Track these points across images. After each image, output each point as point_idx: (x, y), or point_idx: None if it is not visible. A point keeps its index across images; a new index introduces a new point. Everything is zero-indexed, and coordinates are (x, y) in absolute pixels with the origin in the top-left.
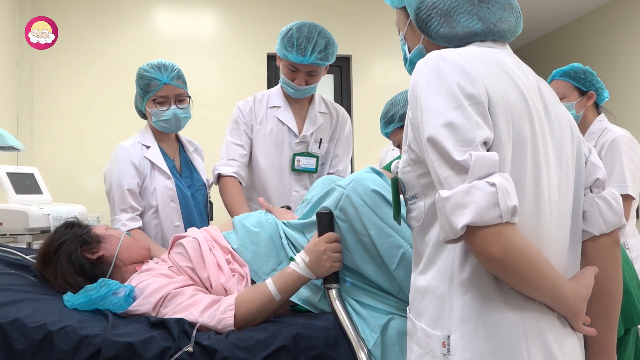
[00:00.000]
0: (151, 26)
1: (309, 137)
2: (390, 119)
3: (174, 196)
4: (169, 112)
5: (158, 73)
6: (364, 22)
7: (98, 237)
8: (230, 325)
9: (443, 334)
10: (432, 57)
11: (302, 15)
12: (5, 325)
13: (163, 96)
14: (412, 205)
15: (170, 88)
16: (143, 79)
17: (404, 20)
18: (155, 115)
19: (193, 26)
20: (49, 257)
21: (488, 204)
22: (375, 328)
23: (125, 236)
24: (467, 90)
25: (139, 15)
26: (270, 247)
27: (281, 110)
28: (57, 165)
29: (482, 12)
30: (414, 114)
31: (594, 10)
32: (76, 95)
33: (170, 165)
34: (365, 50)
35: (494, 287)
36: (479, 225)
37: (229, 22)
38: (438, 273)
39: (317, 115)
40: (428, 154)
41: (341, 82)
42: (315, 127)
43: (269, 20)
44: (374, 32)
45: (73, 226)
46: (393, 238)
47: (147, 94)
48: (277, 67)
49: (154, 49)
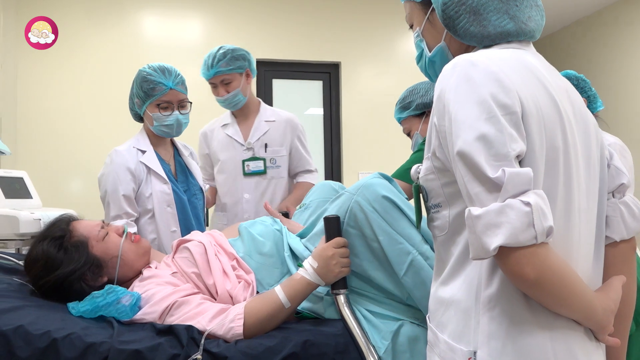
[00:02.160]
0: (138, 30)
1: (254, 144)
2: (407, 105)
3: (171, 201)
4: (172, 118)
5: (163, 77)
6: (353, 29)
7: (99, 261)
8: (240, 334)
9: (469, 349)
10: (461, 62)
11: (292, 21)
12: (8, 333)
13: (167, 101)
14: (436, 213)
15: (174, 93)
16: (147, 82)
17: (421, 16)
18: (158, 119)
19: (181, 31)
20: (47, 287)
21: (522, 224)
22: (386, 335)
23: (124, 247)
24: (501, 99)
25: (126, 19)
26: (275, 258)
27: (228, 127)
28: (42, 169)
29: (511, 10)
30: (441, 122)
31: (590, 15)
32: (61, 98)
33: (167, 169)
34: (354, 57)
35: (523, 302)
36: (512, 246)
37: (218, 27)
38: (463, 285)
39: (261, 124)
40: (457, 167)
41: (330, 88)
42: (260, 133)
43: (259, 26)
44: (363, 38)
45: (67, 249)
46: (402, 245)
47: (150, 98)
48: (268, 73)
49: (140, 53)
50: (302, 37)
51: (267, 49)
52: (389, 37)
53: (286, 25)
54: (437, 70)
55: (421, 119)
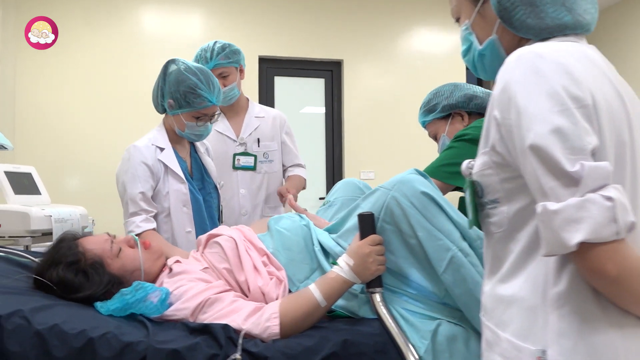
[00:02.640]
0: (139, 25)
1: (246, 139)
2: (432, 108)
3: (187, 201)
4: (204, 128)
5: (209, 92)
6: (356, 26)
7: (119, 279)
8: (276, 334)
9: (537, 348)
10: (526, 54)
11: (294, 18)
12: (44, 332)
13: (206, 114)
14: (492, 210)
15: (214, 108)
16: (194, 94)
17: (470, 8)
18: (191, 128)
19: (182, 27)
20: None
21: (604, 219)
22: (425, 334)
23: (143, 259)
24: (572, 92)
25: (126, 14)
26: (305, 254)
27: (218, 123)
28: (41, 165)
29: (568, 2)
30: (505, 115)
31: None
32: (60, 94)
33: (183, 167)
34: (357, 55)
35: (593, 300)
36: (593, 242)
37: (220, 23)
38: (527, 283)
39: (252, 119)
40: (528, 161)
41: (332, 86)
42: (252, 129)
43: (261, 23)
44: (366, 37)
45: (86, 272)
46: (441, 241)
47: (191, 108)
48: (270, 70)
49: (141, 49)
50: (305, 35)
51: (269, 46)
52: (392, 36)
53: (289, 22)
54: (486, 64)
55: (447, 121)
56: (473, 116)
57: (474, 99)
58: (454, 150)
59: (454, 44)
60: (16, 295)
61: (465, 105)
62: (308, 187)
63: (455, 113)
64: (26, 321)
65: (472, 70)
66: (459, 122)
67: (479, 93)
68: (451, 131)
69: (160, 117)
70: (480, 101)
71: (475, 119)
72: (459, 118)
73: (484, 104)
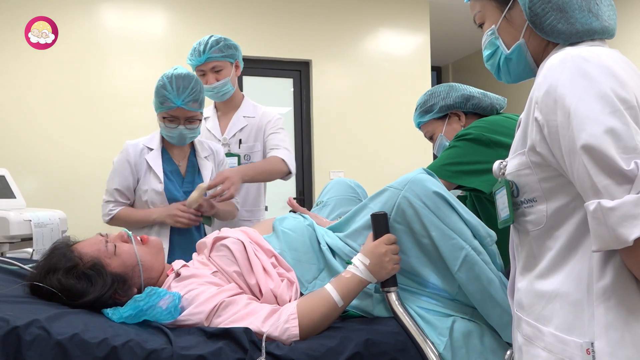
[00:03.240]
0: (102, 24)
1: (229, 140)
2: (429, 109)
3: (163, 200)
4: (176, 132)
5: (174, 94)
6: (323, 27)
7: (122, 277)
8: (296, 335)
9: (584, 340)
10: (571, 57)
11: (262, 18)
12: (64, 342)
13: (173, 116)
14: (529, 208)
15: (182, 111)
16: (159, 94)
17: (496, 13)
18: (163, 128)
19: (147, 25)
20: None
21: None
22: (442, 331)
23: (140, 253)
24: (620, 94)
25: (90, 12)
26: (311, 254)
27: (209, 121)
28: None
29: (594, 8)
30: (550, 117)
31: None
32: (20, 94)
33: (170, 169)
34: (325, 55)
35: (637, 293)
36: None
37: (186, 23)
38: (569, 278)
39: (240, 119)
40: (578, 160)
41: (300, 86)
42: (237, 129)
43: (228, 22)
44: (333, 37)
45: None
46: (455, 240)
47: (160, 109)
48: (245, 69)
49: (104, 48)
50: (273, 35)
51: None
52: (359, 37)
53: (257, 22)
54: (512, 68)
55: (444, 122)
56: (469, 116)
57: (471, 99)
58: (456, 149)
59: (419, 46)
60: (24, 304)
61: (462, 105)
62: (278, 187)
63: (452, 113)
64: (45, 331)
65: (494, 74)
66: (456, 122)
67: (475, 93)
68: (449, 131)
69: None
70: (477, 101)
71: (471, 118)
72: (456, 118)
73: (481, 104)
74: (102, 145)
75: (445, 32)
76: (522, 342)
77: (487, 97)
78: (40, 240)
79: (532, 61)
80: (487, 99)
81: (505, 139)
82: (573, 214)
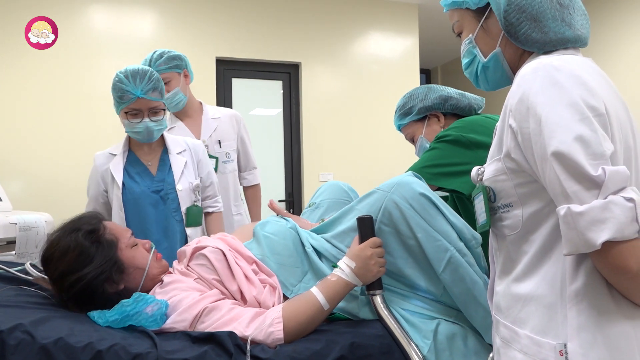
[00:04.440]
0: (89, 25)
1: (207, 141)
2: (408, 111)
3: (121, 205)
4: (141, 125)
5: (132, 85)
6: (313, 30)
7: (123, 266)
8: (280, 339)
9: (558, 342)
10: (543, 66)
11: (252, 20)
12: (49, 346)
13: (136, 109)
14: (505, 213)
15: (143, 102)
16: (116, 89)
17: (473, 23)
18: (127, 126)
19: (136, 28)
20: (71, 285)
21: (627, 219)
22: (427, 333)
23: (151, 264)
24: (590, 102)
25: (76, 14)
26: (295, 257)
27: (176, 130)
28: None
29: (567, 18)
30: (523, 125)
31: None
32: (7, 97)
33: (137, 170)
34: (314, 57)
35: (607, 294)
36: (617, 241)
37: (176, 25)
38: (544, 281)
39: (209, 120)
40: (550, 167)
41: (290, 88)
42: (211, 130)
43: (219, 24)
44: (322, 40)
45: (100, 244)
46: (440, 242)
47: (120, 105)
48: (227, 72)
49: (91, 50)
50: (263, 37)
51: (227, 48)
52: (348, 40)
53: (247, 24)
54: (489, 76)
55: (424, 123)
56: (448, 117)
57: (449, 99)
58: (436, 151)
59: (408, 49)
60: (8, 308)
61: (441, 106)
62: (267, 189)
63: (432, 115)
64: (29, 336)
65: (473, 82)
66: (436, 123)
67: (453, 94)
68: (429, 133)
69: None
70: (455, 102)
71: (450, 119)
72: (435, 119)
73: (459, 104)
74: (90, 147)
75: (433, 35)
76: (500, 344)
77: (465, 97)
78: (24, 244)
79: (508, 69)
80: (465, 99)
81: (484, 139)
82: (547, 219)
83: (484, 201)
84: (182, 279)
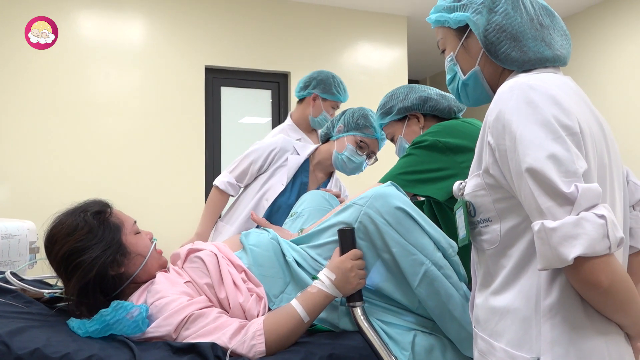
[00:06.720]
0: (78, 32)
1: None
2: (388, 111)
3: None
4: (359, 160)
5: (377, 126)
6: (302, 40)
7: (126, 250)
8: (262, 352)
9: (532, 356)
10: (518, 85)
11: (242, 30)
12: (25, 357)
13: (367, 143)
14: (484, 228)
15: (375, 143)
16: (366, 119)
17: (455, 41)
18: (348, 151)
19: (123, 33)
20: (67, 265)
21: (598, 235)
22: (405, 345)
23: (151, 255)
24: (562, 121)
25: (66, 20)
26: (277, 268)
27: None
28: None
29: (547, 38)
30: (499, 142)
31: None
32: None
33: (302, 181)
34: (304, 67)
35: (581, 309)
36: (588, 256)
37: (165, 33)
38: (520, 295)
39: None
40: (524, 183)
41: (279, 97)
42: None
43: (208, 33)
44: (311, 50)
45: (106, 225)
46: (415, 256)
47: (358, 132)
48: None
49: (79, 55)
50: (252, 46)
51: (216, 56)
52: (337, 50)
53: (236, 33)
54: (469, 92)
55: (404, 123)
56: (428, 118)
57: (428, 101)
58: (412, 157)
59: (397, 60)
60: None
61: (420, 107)
62: None
63: (411, 115)
64: (5, 346)
65: (456, 98)
66: (415, 124)
67: (433, 95)
68: (408, 133)
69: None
70: (434, 103)
71: (430, 120)
72: (415, 120)
73: (439, 105)
74: (75, 154)
75: (422, 47)
76: (477, 357)
77: (445, 99)
78: (6, 252)
79: (487, 87)
80: (445, 100)
81: (460, 142)
82: (524, 234)
83: (464, 215)
84: (173, 280)
